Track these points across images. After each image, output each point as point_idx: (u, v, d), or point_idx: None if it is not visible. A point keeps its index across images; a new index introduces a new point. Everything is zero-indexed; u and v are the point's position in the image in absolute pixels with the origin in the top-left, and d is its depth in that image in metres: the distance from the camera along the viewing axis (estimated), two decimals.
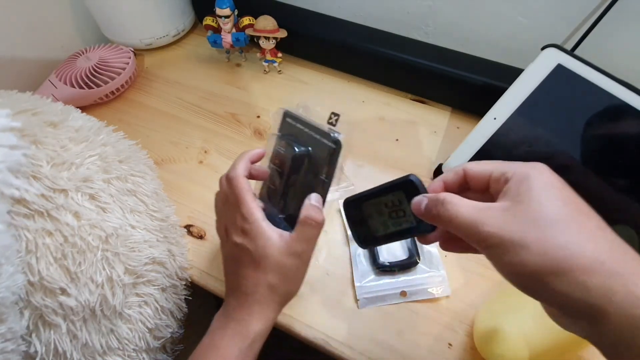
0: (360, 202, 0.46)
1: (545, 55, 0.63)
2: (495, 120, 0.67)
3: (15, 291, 0.38)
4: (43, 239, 0.41)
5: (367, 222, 0.45)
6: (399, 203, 0.42)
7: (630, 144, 0.57)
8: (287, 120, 0.61)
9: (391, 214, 0.43)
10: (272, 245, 0.47)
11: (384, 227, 0.44)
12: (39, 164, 0.42)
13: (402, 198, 0.42)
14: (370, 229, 0.45)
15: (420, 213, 0.38)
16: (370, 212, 0.45)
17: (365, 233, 0.46)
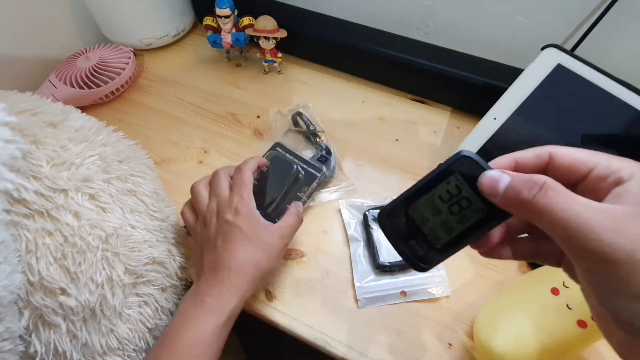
0: (405, 207, 0.36)
1: (545, 55, 0.63)
2: (495, 120, 0.67)
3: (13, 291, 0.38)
4: (43, 238, 0.41)
5: (420, 232, 0.36)
6: (459, 191, 0.33)
7: (630, 144, 0.57)
8: (277, 149, 0.73)
9: (452, 209, 0.34)
10: (264, 227, 0.55)
11: (447, 229, 0.35)
12: (38, 164, 0.42)
13: (460, 183, 0.33)
14: (428, 239, 0.36)
15: (496, 194, 0.30)
16: (423, 216, 0.35)
17: (422, 248, 0.36)
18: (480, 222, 0.33)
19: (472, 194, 0.33)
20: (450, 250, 0.35)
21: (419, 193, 0.35)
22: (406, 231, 0.36)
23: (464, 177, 0.33)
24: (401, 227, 0.36)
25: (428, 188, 0.35)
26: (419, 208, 0.35)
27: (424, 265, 0.36)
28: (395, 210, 0.36)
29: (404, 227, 0.36)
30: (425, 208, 0.35)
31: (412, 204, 0.35)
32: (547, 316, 0.50)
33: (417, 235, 0.36)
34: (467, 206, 0.33)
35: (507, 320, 0.52)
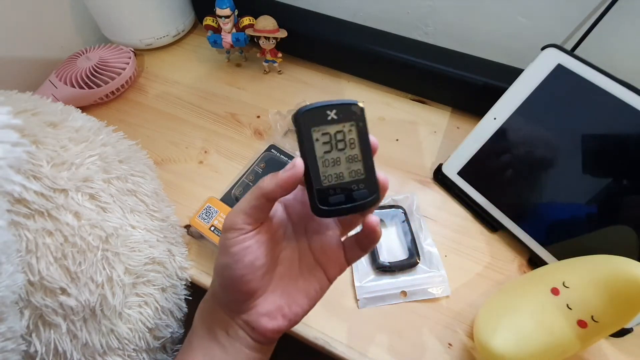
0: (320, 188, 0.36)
1: (545, 55, 0.63)
2: (495, 120, 0.67)
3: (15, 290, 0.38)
4: (43, 238, 0.41)
5: (347, 183, 0.36)
6: (328, 134, 0.36)
7: (630, 144, 0.57)
8: (272, 151, 0.75)
9: (339, 146, 0.36)
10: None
11: (354, 159, 0.36)
12: (39, 164, 0.42)
13: (322, 129, 0.36)
14: (356, 179, 0.36)
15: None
16: (336, 176, 0.36)
17: (360, 186, 0.37)
18: (360, 134, 0.36)
19: (338, 127, 0.36)
20: (371, 166, 0.37)
21: (315, 167, 0.36)
22: (343, 195, 0.36)
23: (321, 123, 0.35)
24: (338, 198, 0.36)
25: (314, 157, 0.36)
26: (328, 175, 0.36)
27: (374, 192, 0.37)
28: (320, 195, 0.36)
29: (339, 195, 0.36)
30: (329, 170, 0.36)
31: (321, 179, 0.36)
32: (547, 316, 0.50)
33: (348, 189, 0.36)
34: (344, 135, 0.36)
35: (507, 320, 0.52)
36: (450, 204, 0.72)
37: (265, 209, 0.37)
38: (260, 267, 0.38)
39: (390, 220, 0.69)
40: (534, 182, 0.64)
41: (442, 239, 0.68)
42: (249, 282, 0.37)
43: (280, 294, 0.40)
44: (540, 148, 0.64)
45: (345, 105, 0.36)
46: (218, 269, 0.39)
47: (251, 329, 0.40)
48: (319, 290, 0.42)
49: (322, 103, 0.35)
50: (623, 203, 0.58)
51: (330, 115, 0.35)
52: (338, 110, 0.36)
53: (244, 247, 0.37)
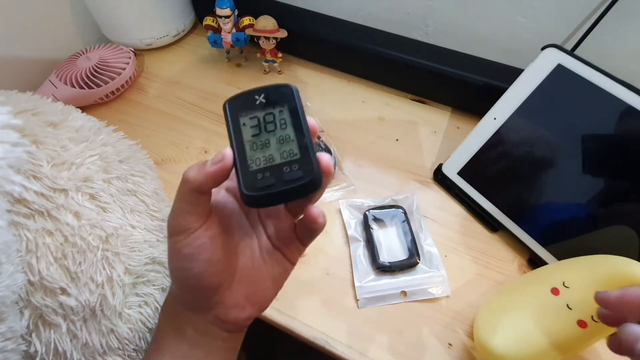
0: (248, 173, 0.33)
1: (545, 55, 0.63)
2: (495, 120, 0.67)
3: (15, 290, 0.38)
4: (43, 238, 0.41)
5: (277, 165, 0.33)
6: (256, 118, 0.34)
7: (630, 144, 0.57)
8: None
9: (268, 128, 0.34)
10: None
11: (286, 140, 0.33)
12: (39, 164, 0.42)
13: (250, 114, 0.34)
14: (288, 160, 0.33)
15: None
16: (266, 158, 0.33)
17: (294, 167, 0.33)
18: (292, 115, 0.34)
19: (268, 109, 0.34)
20: (306, 145, 0.33)
21: (242, 152, 0.33)
22: (274, 178, 0.32)
23: (249, 108, 0.34)
24: (268, 180, 0.32)
25: (241, 142, 0.33)
26: (256, 158, 0.33)
27: (313, 173, 0.32)
28: (247, 179, 0.33)
29: (270, 177, 0.32)
30: (258, 153, 0.33)
31: (248, 163, 0.33)
32: (547, 316, 0.50)
33: (281, 168, 0.33)
34: (274, 117, 0.34)
35: (507, 320, 0.52)
36: (450, 204, 0.72)
37: (203, 202, 0.34)
38: (217, 261, 0.36)
39: (390, 220, 0.69)
40: (534, 182, 0.64)
41: (442, 239, 0.68)
42: (210, 277, 0.36)
43: (246, 283, 0.39)
44: (540, 148, 0.64)
45: (275, 88, 0.34)
46: (174, 273, 0.37)
47: (221, 322, 0.39)
48: (283, 274, 0.41)
49: (250, 89, 0.34)
50: (623, 203, 0.58)
51: (259, 100, 0.34)
52: (267, 94, 0.34)
53: (196, 246, 0.34)
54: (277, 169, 0.32)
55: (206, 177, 0.32)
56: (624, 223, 0.57)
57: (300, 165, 0.32)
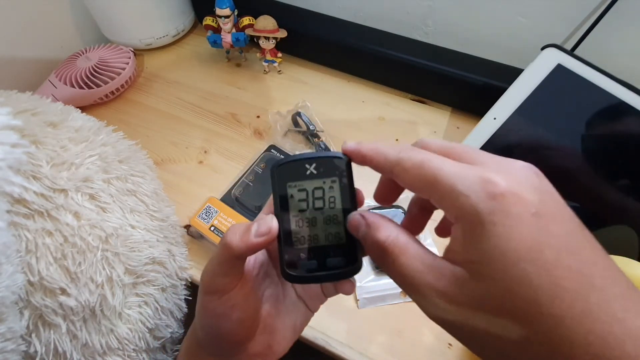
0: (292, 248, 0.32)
1: (545, 55, 0.63)
2: (495, 120, 0.67)
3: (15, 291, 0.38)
4: (43, 239, 0.41)
5: (323, 247, 0.32)
6: (304, 191, 0.32)
7: (630, 144, 0.57)
8: (272, 151, 0.75)
9: (316, 205, 0.32)
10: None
11: (333, 221, 0.32)
12: (38, 164, 0.42)
13: (298, 184, 0.32)
14: (333, 244, 0.32)
15: (359, 237, 0.30)
16: (310, 237, 0.32)
17: (337, 254, 0.32)
18: (342, 192, 0.32)
19: (317, 183, 0.32)
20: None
21: (288, 227, 0.32)
22: (316, 260, 0.32)
23: (298, 178, 0.32)
24: (310, 262, 0.32)
25: (287, 216, 0.32)
26: (302, 236, 0.32)
27: (354, 263, 0.32)
28: (291, 257, 0.32)
29: (313, 258, 0.32)
30: (304, 230, 0.32)
31: (292, 243, 0.32)
32: None
33: (326, 252, 0.32)
34: (324, 193, 0.32)
35: None
36: None
37: (240, 266, 0.34)
38: (248, 318, 0.36)
39: None
40: None
41: (442, 239, 0.67)
42: (239, 334, 0.36)
43: (269, 332, 0.39)
44: (540, 148, 0.64)
45: (327, 159, 0.32)
46: (205, 328, 0.36)
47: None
48: (303, 322, 0.41)
49: (301, 155, 0.32)
50: (623, 203, 0.58)
51: (309, 170, 0.32)
52: (318, 164, 0.32)
53: (229, 306, 0.34)
54: (321, 252, 0.32)
55: (248, 248, 0.31)
56: (624, 223, 0.57)
57: (344, 252, 0.32)
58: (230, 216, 0.65)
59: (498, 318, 0.22)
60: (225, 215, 0.66)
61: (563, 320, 0.21)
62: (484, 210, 0.23)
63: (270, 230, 0.31)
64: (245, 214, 0.66)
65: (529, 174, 0.25)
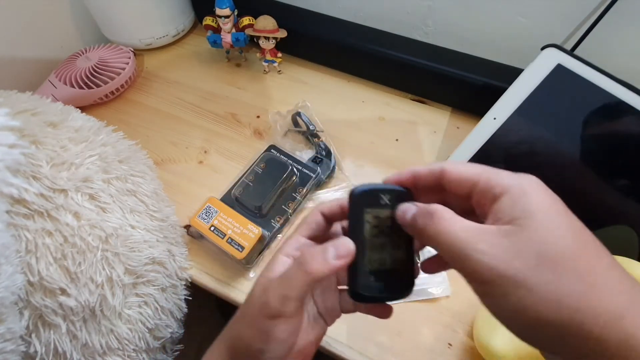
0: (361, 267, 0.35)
1: (545, 55, 0.63)
2: (495, 120, 0.67)
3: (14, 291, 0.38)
4: (43, 239, 0.41)
5: (387, 270, 0.35)
6: (379, 220, 0.35)
7: (630, 144, 0.57)
8: (272, 151, 0.76)
9: (386, 234, 0.35)
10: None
11: (400, 248, 0.36)
12: (38, 164, 0.42)
13: (376, 213, 0.35)
14: (396, 268, 0.35)
15: (405, 222, 0.33)
16: (379, 260, 0.35)
17: (397, 278, 0.36)
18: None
19: (388, 211, 0.35)
20: (411, 258, 0.36)
21: (362, 248, 0.35)
22: (381, 281, 0.35)
23: (373, 207, 0.35)
24: (378, 285, 0.35)
25: (360, 238, 0.35)
26: (373, 258, 0.35)
27: (409, 289, 0.36)
28: (361, 276, 0.35)
29: (379, 281, 0.35)
30: (375, 254, 0.35)
31: (365, 261, 0.35)
32: None
33: (389, 276, 0.35)
34: (392, 220, 0.35)
35: None
36: None
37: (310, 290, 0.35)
38: (297, 342, 0.37)
39: None
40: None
41: None
42: (287, 357, 0.36)
43: (299, 349, 0.39)
44: (540, 148, 0.64)
45: (399, 193, 0.36)
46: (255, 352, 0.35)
47: None
48: (321, 336, 0.42)
49: (377, 186, 0.36)
50: (623, 203, 0.58)
51: (384, 200, 0.35)
52: (391, 196, 0.36)
53: (291, 332, 0.34)
54: (387, 275, 0.35)
55: (330, 271, 0.32)
56: (624, 223, 0.57)
57: (404, 275, 0.36)
58: (230, 216, 0.65)
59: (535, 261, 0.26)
60: (225, 215, 0.66)
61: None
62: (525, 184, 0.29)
63: (348, 253, 0.33)
64: (245, 214, 0.66)
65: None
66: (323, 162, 0.74)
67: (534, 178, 0.30)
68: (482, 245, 0.27)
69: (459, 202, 0.33)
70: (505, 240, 0.27)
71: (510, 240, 0.27)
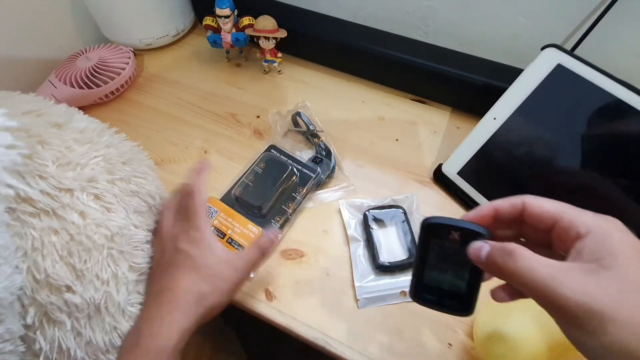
0: (421, 281, 0.40)
1: (545, 55, 0.64)
2: (495, 120, 0.67)
3: (13, 292, 0.38)
4: (49, 237, 0.41)
5: (445, 291, 0.39)
6: (445, 249, 0.38)
7: (630, 144, 0.57)
8: (272, 151, 0.76)
9: (449, 263, 0.39)
10: (215, 256, 0.51)
11: (460, 277, 0.38)
12: (44, 164, 0.42)
13: (443, 243, 0.38)
14: (454, 291, 0.39)
15: (480, 262, 0.35)
16: (438, 280, 0.39)
17: (455, 301, 0.39)
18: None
19: (455, 246, 0.37)
20: (474, 288, 0.38)
21: (422, 267, 0.40)
22: (436, 296, 0.40)
23: (441, 237, 0.38)
24: (431, 296, 0.40)
25: (424, 260, 0.39)
26: (431, 277, 0.39)
27: (467, 311, 0.39)
28: (417, 287, 0.40)
29: (434, 294, 0.40)
30: (434, 274, 0.39)
31: (424, 277, 0.40)
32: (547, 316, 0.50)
33: (445, 294, 0.39)
34: (458, 255, 0.37)
35: (507, 321, 0.52)
36: (450, 204, 0.73)
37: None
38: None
39: (390, 220, 0.69)
40: (534, 182, 0.64)
41: None
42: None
43: None
44: (540, 148, 0.64)
45: (472, 232, 0.37)
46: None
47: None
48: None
49: (450, 221, 0.38)
50: (623, 203, 0.58)
51: (453, 235, 0.37)
52: (462, 234, 0.37)
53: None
54: (442, 294, 0.39)
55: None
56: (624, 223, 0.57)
57: (461, 301, 0.39)
58: (231, 216, 0.66)
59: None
60: (225, 215, 0.66)
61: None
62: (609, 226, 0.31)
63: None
64: (245, 213, 0.67)
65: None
66: (323, 162, 0.74)
67: (616, 221, 0.32)
68: (568, 282, 0.29)
69: (536, 234, 0.36)
70: (592, 278, 0.29)
71: (596, 278, 0.28)
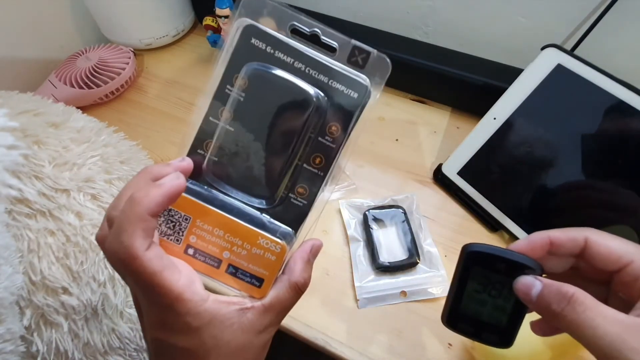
0: (458, 310, 0.37)
1: (545, 55, 0.63)
2: (495, 120, 0.67)
3: (13, 292, 0.38)
4: (45, 238, 0.41)
5: (483, 322, 0.36)
6: (488, 280, 0.35)
7: (630, 143, 0.57)
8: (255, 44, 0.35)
9: (492, 294, 0.35)
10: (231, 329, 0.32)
11: (501, 310, 0.35)
12: (41, 164, 0.42)
13: (485, 273, 0.35)
14: (492, 324, 0.36)
15: (530, 301, 0.31)
16: (476, 311, 0.36)
17: (494, 333, 0.36)
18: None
19: (500, 278, 0.34)
20: (517, 322, 0.35)
21: (459, 295, 0.36)
22: (473, 327, 0.36)
23: (484, 267, 0.35)
24: (468, 326, 0.37)
25: (462, 288, 0.36)
26: (468, 306, 0.36)
27: (506, 345, 0.36)
28: (452, 314, 0.37)
29: (470, 325, 0.36)
30: (472, 304, 0.36)
31: (460, 306, 0.36)
32: None
33: (483, 326, 0.36)
34: (503, 287, 0.34)
35: None
36: (450, 204, 0.72)
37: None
38: None
39: (390, 220, 0.69)
40: (534, 182, 0.64)
41: (442, 239, 0.68)
42: None
43: None
44: (540, 148, 0.64)
45: (519, 265, 0.34)
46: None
47: None
48: None
49: (496, 251, 0.35)
50: (623, 203, 0.58)
51: (498, 266, 0.34)
52: (508, 266, 0.34)
53: None
54: (481, 326, 0.36)
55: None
56: (624, 223, 0.57)
57: (500, 334, 0.36)
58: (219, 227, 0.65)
59: None
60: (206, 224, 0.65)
61: None
62: None
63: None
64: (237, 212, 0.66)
65: None
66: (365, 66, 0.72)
67: None
68: (637, 343, 0.25)
69: (594, 272, 0.32)
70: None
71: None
